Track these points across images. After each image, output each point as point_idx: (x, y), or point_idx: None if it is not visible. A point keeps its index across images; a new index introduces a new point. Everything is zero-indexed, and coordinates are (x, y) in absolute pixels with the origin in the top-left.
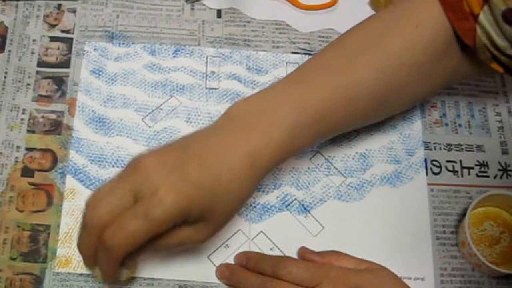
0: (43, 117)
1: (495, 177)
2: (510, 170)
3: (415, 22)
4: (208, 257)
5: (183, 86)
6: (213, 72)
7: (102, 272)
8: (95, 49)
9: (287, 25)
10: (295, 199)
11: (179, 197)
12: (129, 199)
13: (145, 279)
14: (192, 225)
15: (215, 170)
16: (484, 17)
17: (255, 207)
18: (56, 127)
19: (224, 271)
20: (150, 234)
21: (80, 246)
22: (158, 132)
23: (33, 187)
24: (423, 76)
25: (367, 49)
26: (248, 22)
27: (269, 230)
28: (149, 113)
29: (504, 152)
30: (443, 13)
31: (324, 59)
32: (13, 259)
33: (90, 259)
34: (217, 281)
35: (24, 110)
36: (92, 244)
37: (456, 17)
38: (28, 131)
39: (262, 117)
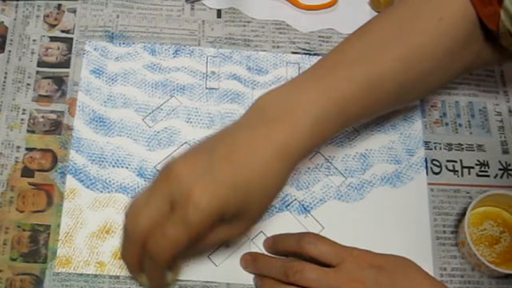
0: (43, 117)
1: (495, 176)
2: (510, 170)
3: (438, 14)
4: (208, 257)
5: (183, 86)
6: (213, 72)
7: (149, 279)
8: (95, 49)
9: (287, 25)
10: (295, 199)
11: (213, 199)
12: (165, 206)
13: None
14: (229, 223)
15: (246, 168)
16: (509, 1)
17: None
18: (56, 127)
19: (247, 259)
20: (191, 239)
21: (124, 257)
22: (158, 132)
23: (33, 187)
24: (445, 65)
25: (388, 41)
26: (248, 22)
27: (269, 230)
28: (150, 113)
29: (505, 152)
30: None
31: (346, 52)
32: (13, 260)
33: (135, 268)
34: (218, 280)
35: (24, 110)
36: (136, 254)
37: (481, 2)
38: (28, 131)
39: (288, 111)
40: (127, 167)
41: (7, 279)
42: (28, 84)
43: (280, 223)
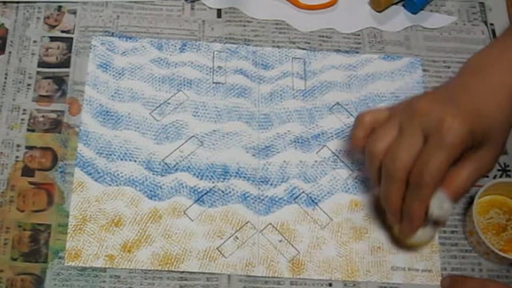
0: (43, 116)
1: (494, 177)
2: (509, 171)
3: None
4: (217, 249)
5: (190, 80)
6: (219, 67)
7: (409, 220)
8: (102, 43)
9: (287, 24)
10: (303, 191)
11: (464, 121)
12: (420, 139)
13: (146, 278)
14: (477, 153)
15: (483, 100)
16: None
17: (263, 199)
18: (56, 126)
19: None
20: (450, 160)
21: (387, 198)
22: (166, 125)
23: (33, 186)
24: None
25: None
26: (248, 21)
27: (277, 223)
28: (157, 107)
29: (503, 153)
30: None
31: None
32: (14, 259)
33: (397, 210)
34: (223, 272)
35: (24, 110)
36: (400, 192)
37: None
38: (28, 130)
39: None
40: (135, 160)
41: (8, 279)
42: (29, 85)
43: (289, 215)
